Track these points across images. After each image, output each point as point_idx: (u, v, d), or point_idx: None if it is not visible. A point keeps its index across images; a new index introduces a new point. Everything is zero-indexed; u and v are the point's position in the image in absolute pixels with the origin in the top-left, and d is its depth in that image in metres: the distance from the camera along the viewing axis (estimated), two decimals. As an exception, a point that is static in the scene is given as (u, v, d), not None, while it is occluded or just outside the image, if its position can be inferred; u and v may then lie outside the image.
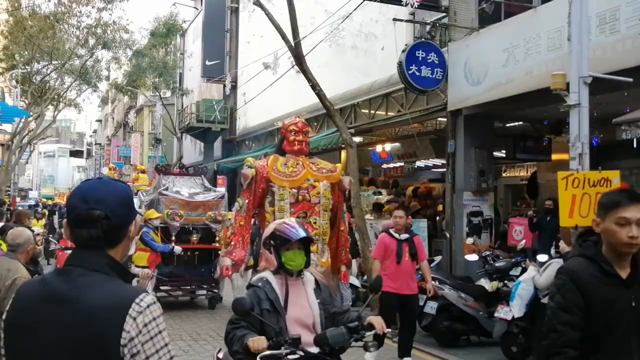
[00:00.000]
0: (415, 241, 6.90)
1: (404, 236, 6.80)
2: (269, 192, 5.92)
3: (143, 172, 20.56)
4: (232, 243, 5.93)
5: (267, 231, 3.30)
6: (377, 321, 3.15)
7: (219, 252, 10.19)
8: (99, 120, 69.89)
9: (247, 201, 5.82)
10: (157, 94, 28.45)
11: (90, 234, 1.73)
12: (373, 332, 3.14)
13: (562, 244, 5.81)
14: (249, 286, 3.31)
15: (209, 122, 22.40)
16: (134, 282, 3.00)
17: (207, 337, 8.41)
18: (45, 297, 1.69)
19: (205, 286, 10.90)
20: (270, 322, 3.01)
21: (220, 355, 3.56)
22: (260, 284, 3.22)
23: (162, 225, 10.20)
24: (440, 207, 13.05)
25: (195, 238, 10.71)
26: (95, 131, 73.71)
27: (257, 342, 2.85)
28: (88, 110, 68.91)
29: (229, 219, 10.79)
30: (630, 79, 6.32)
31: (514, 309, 6.95)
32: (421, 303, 7.73)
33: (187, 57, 28.65)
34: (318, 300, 3.24)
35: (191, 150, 27.98)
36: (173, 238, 10.32)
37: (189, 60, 27.78)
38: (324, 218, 5.43)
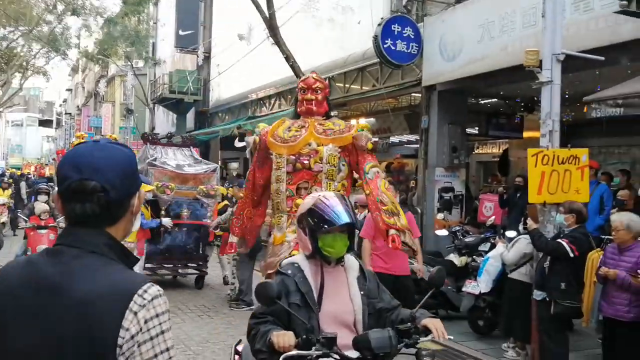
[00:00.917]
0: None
1: None
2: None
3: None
4: (234, 218, 5.44)
5: (304, 207, 2.71)
6: (435, 325, 2.52)
7: (209, 228, 9.85)
8: (69, 90, 68.39)
9: (248, 172, 5.30)
10: (129, 63, 27.90)
11: (85, 209, 1.45)
12: (429, 337, 2.52)
13: (529, 221, 5.87)
14: (277, 273, 2.76)
15: (181, 93, 22.08)
16: (137, 268, 2.62)
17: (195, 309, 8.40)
18: (29, 282, 1.41)
19: (192, 264, 10.31)
20: (301, 318, 2.48)
21: (240, 348, 3.12)
22: (290, 271, 2.63)
23: (152, 199, 9.48)
24: (413, 183, 13.12)
25: (185, 213, 10.18)
26: (65, 100, 72.13)
27: (283, 337, 2.35)
28: (57, 79, 67.38)
29: (221, 193, 10.45)
30: (602, 58, 6.35)
31: (481, 285, 7.06)
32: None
33: (160, 26, 28.10)
34: (362, 293, 2.64)
35: (164, 121, 27.58)
36: (163, 213, 9.69)
37: (162, 29, 27.26)
38: (329, 188, 4.57)
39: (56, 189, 1.63)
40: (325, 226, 2.56)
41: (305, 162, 4.71)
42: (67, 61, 29.87)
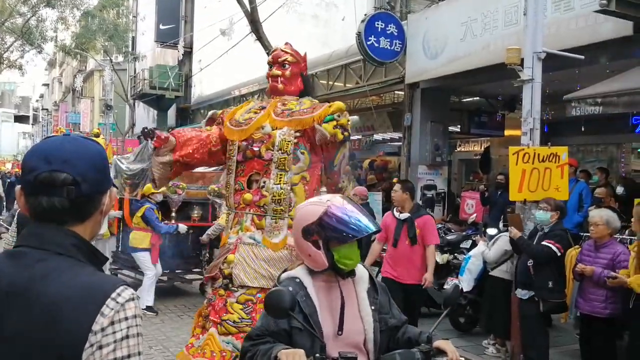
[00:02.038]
0: (419, 223, 5.85)
1: (404, 216, 5.88)
2: None
3: (97, 135, 19.39)
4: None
5: (308, 216, 2.24)
6: (449, 348, 2.33)
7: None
8: (46, 85, 67.42)
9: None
10: (108, 58, 27.55)
11: (52, 203, 1.35)
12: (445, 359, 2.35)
13: (512, 229, 5.77)
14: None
15: (162, 89, 21.86)
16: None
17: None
18: None
19: (198, 270, 9.35)
20: (302, 344, 2.13)
21: None
22: (290, 288, 2.20)
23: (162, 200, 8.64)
24: (395, 180, 13.15)
25: (196, 215, 9.39)
26: (41, 96, 71.09)
27: (294, 356, 2.01)
28: (33, 73, 66.04)
29: None
30: (582, 56, 6.42)
31: (463, 283, 7.07)
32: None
33: (140, 20, 27.75)
34: (372, 308, 2.31)
35: (144, 117, 27.34)
36: (173, 214, 8.98)
37: (142, 23, 26.92)
38: (277, 180, 3.78)
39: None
40: (351, 235, 2.19)
41: (256, 149, 3.91)
42: (42, 55, 29.30)
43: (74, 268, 1.33)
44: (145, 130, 4.09)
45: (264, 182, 3.88)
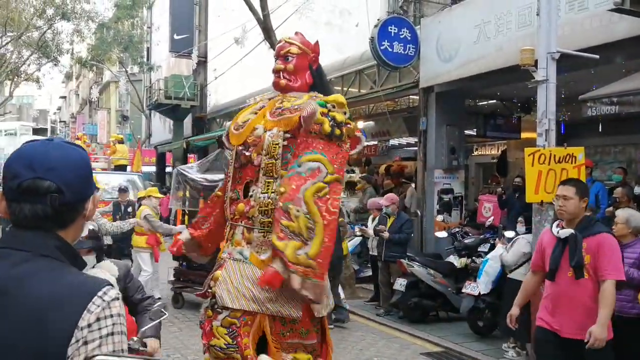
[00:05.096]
0: (590, 244, 3.74)
1: (565, 233, 3.84)
2: None
3: (121, 142, 19.14)
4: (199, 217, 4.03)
5: None
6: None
7: None
8: (63, 97, 68.29)
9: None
10: (123, 69, 27.82)
11: (36, 210, 1.35)
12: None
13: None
14: None
15: (178, 99, 21.95)
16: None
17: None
18: None
19: None
20: None
21: None
22: None
23: None
24: (412, 185, 13.12)
25: None
26: (59, 108, 72.04)
27: None
28: (50, 86, 67.00)
29: None
30: (597, 56, 6.37)
31: (480, 286, 7.06)
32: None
33: (154, 30, 28.01)
34: None
35: (160, 127, 27.54)
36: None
37: (157, 34, 27.17)
38: (265, 188, 3.28)
39: None
40: None
41: (248, 154, 3.45)
42: (59, 68, 29.70)
43: (59, 269, 1.34)
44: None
45: (253, 191, 3.39)
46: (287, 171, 3.24)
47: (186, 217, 8.92)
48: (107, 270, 2.88)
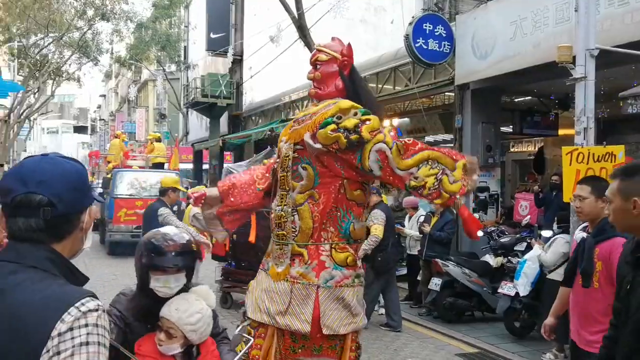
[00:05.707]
0: (603, 250, 3.39)
1: (580, 236, 3.89)
2: None
3: (159, 140, 19.36)
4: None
5: None
6: None
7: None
8: (103, 95, 69.79)
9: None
10: (161, 68, 28.27)
11: (29, 224, 1.38)
12: None
13: None
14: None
15: (214, 97, 22.20)
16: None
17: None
18: None
19: None
20: None
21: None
22: None
23: None
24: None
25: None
26: (99, 106, 73.63)
27: None
28: (90, 85, 68.53)
29: None
30: (638, 52, 6.22)
31: (519, 288, 6.94)
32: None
33: (191, 29, 28.35)
34: None
35: (197, 125, 27.90)
36: None
37: (194, 33, 27.50)
38: (279, 201, 3.27)
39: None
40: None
41: (275, 166, 3.43)
42: (99, 67, 30.46)
43: (45, 280, 1.34)
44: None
45: (272, 203, 3.36)
46: (298, 184, 3.18)
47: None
48: (204, 297, 2.53)
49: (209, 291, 2.58)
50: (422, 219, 8.85)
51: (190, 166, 25.68)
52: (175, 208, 9.24)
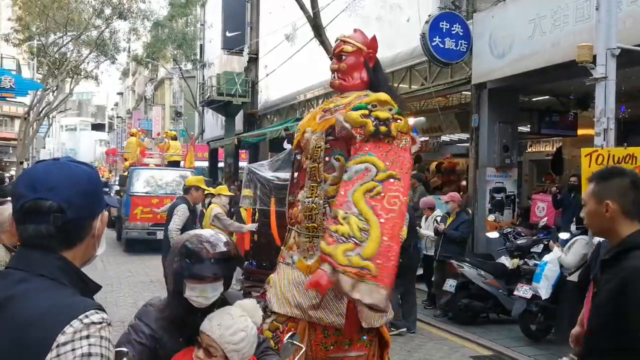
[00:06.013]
0: None
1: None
2: None
3: (174, 138, 19.17)
4: None
5: None
6: None
7: None
8: (120, 93, 70.38)
9: None
10: (177, 66, 28.42)
11: (39, 230, 1.35)
12: None
13: None
14: None
15: (230, 96, 22.21)
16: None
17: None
18: None
19: None
20: None
21: None
22: None
23: None
24: (464, 183, 12.88)
25: None
26: (116, 104, 74.29)
27: None
28: (108, 83, 69.26)
29: None
30: (662, 52, 6.08)
31: (541, 291, 6.82)
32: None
33: (207, 28, 28.42)
34: None
35: (213, 124, 27.96)
36: None
37: (210, 31, 27.55)
38: (310, 193, 3.21)
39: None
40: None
41: (299, 157, 3.41)
42: (116, 65, 30.75)
43: (52, 289, 1.31)
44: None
45: (300, 195, 3.32)
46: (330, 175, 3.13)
47: (256, 215, 8.69)
48: (249, 313, 2.21)
49: (256, 306, 2.27)
50: (438, 219, 8.77)
51: (205, 164, 25.78)
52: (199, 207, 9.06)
